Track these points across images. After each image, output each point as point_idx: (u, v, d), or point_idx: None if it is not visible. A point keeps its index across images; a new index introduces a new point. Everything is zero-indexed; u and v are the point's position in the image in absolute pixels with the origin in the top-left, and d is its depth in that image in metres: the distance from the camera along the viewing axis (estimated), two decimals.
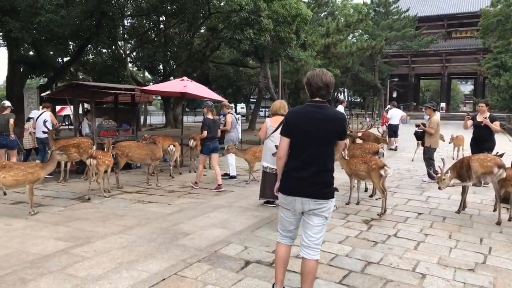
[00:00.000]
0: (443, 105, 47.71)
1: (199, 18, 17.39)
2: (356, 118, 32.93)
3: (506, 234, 5.20)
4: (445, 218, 5.91)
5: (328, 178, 3.08)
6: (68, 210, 6.20)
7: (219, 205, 6.62)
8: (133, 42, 22.74)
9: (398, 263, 4.20)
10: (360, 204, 6.68)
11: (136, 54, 22.01)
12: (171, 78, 21.20)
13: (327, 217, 3.11)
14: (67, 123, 24.05)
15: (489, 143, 7.64)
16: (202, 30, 22.19)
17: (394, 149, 14.59)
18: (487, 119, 7.59)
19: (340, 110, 10.66)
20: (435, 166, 8.49)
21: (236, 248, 4.59)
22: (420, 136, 8.94)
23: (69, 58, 18.14)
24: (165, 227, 5.34)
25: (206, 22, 18.11)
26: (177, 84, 10.02)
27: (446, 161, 6.39)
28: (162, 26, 21.04)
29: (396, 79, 42.75)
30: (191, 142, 9.62)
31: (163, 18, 20.53)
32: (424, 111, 9.67)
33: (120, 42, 22.31)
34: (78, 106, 11.49)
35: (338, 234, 5.11)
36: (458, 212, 6.21)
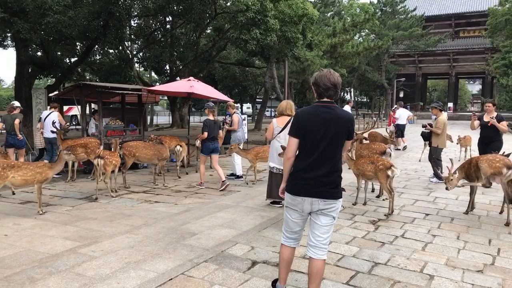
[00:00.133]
0: (451, 105, 47.46)
1: (206, 19, 17.43)
2: (363, 118, 32.78)
3: None
4: (453, 219, 5.87)
5: (337, 178, 3.08)
6: (75, 210, 6.25)
7: (226, 205, 6.63)
8: (139, 42, 22.84)
9: (405, 264, 4.17)
10: (367, 204, 6.65)
11: (142, 54, 22.11)
12: (178, 78, 21.27)
13: (335, 216, 3.12)
14: (74, 123, 24.22)
15: (496, 143, 7.56)
16: (209, 31, 22.23)
17: (403, 148, 14.53)
18: (494, 119, 7.51)
19: (346, 110, 10.66)
20: (443, 167, 8.47)
21: (243, 248, 4.60)
22: (427, 136, 8.88)
23: (76, 59, 18.27)
24: (172, 227, 5.35)
25: (212, 22, 18.15)
26: (183, 84, 10.05)
27: (454, 161, 6.34)
28: (169, 27, 21.11)
29: (403, 79, 42.53)
30: (198, 142, 9.62)
31: (170, 19, 20.61)
32: (430, 111, 9.62)
33: (127, 43, 22.48)
34: (86, 106, 11.58)
35: (345, 235, 5.09)
36: (466, 212, 6.17)
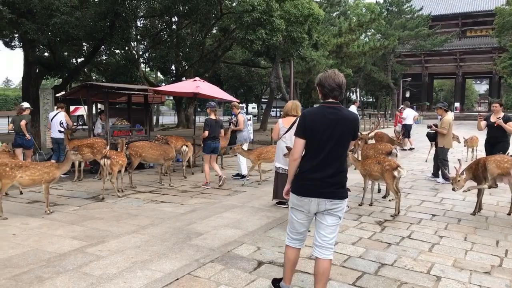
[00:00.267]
0: (457, 105, 47.15)
1: (211, 19, 17.45)
2: (369, 118, 32.63)
3: None
4: (460, 220, 5.83)
5: (343, 179, 3.10)
6: (82, 210, 6.29)
7: (232, 205, 6.64)
8: (145, 43, 22.93)
9: (412, 265, 4.15)
10: (373, 205, 6.63)
11: (148, 54, 22.18)
12: (183, 78, 21.31)
13: (341, 216, 3.13)
14: (81, 123, 24.37)
15: (503, 144, 7.51)
16: (214, 31, 22.26)
17: (409, 149, 14.48)
18: (500, 120, 7.46)
19: (352, 110, 10.65)
20: (450, 167, 8.41)
21: (249, 248, 4.60)
22: (432, 137, 8.84)
23: (83, 59, 18.39)
24: (178, 227, 5.37)
25: (218, 22, 18.16)
26: (189, 84, 10.07)
27: (461, 162, 6.30)
28: (175, 27, 21.17)
29: (409, 79, 42.33)
30: None
31: (176, 19, 20.66)
32: (436, 112, 9.57)
33: (133, 43, 22.57)
34: (92, 107, 11.64)
35: (351, 236, 5.08)
36: (473, 214, 6.12)
